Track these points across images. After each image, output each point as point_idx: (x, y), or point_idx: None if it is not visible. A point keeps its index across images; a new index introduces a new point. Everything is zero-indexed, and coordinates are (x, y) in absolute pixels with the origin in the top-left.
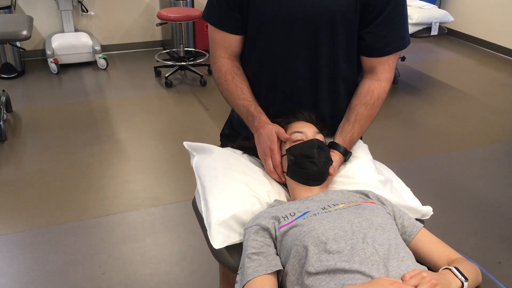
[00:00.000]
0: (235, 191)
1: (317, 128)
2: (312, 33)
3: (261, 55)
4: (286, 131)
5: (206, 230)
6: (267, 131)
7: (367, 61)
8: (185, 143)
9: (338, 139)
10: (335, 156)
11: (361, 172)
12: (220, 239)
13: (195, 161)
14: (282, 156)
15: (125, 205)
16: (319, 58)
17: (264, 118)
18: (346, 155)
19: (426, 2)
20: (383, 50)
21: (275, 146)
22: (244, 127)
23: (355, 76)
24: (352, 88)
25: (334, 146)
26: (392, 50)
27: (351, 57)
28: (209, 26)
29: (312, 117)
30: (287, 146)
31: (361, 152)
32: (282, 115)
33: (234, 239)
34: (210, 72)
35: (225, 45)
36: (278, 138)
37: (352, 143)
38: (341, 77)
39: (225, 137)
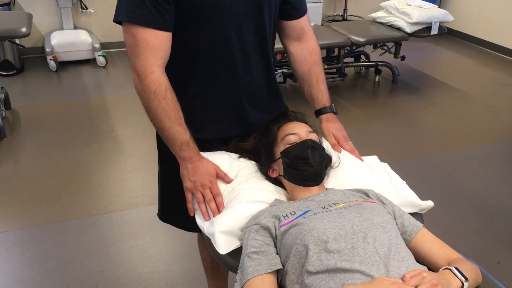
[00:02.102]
0: (236, 198)
1: (310, 127)
2: (256, 6)
3: (213, 38)
4: (278, 134)
5: (208, 235)
6: (206, 165)
7: (296, 24)
8: None
9: (317, 104)
10: (328, 116)
11: (358, 162)
12: (225, 245)
13: None
14: (277, 159)
15: (124, 203)
16: (264, 30)
17: (197, 150)
18: (333, 109)
19: (426, 1)
20: (303, 9)
21: (215, 180)
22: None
23: None
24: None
25: (320, 111)
26: (306, 7)
27: (276, 26)
28: (132, 29)
29: (303, 116)
30: (281, 148)
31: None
32: (272, 120)
33: (238, 243)
34: None
35: (160, 48)
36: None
37: (328, 98)
38: (271, 46)
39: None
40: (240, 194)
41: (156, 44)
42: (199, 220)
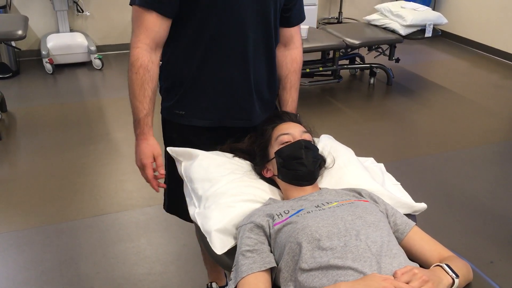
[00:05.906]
0: (231, 196)
1: (304, 127)
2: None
3: (219, 29)
4: (272, 134)
5: (204, 235)
6: (145, 148)
7: (287, 31)
8: (169, 149)
9: (283, 108)
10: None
11: (352, 164)
12: (221, 245)
13: (183, 168)
14: (271, 159)
15: (119, 205)
16: (268, 27)
17: (148, 131)
18: (298, 119)
19: (420, 4)
20: (299, 19)
21: (149, 161)
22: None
23: None
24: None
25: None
26: (303, 17)
27: (278, 27)
28: (137, 7)
29: (297, 117)
30: (276, 149)
31: (348, 155)
32: (267, 120)
33: (233, 242)
34: None
35: (155, 29)
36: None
37: (295, 106)
38: (275, 43)
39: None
40: (234, 192)
41: (149, 25)
42: (196, 217)
